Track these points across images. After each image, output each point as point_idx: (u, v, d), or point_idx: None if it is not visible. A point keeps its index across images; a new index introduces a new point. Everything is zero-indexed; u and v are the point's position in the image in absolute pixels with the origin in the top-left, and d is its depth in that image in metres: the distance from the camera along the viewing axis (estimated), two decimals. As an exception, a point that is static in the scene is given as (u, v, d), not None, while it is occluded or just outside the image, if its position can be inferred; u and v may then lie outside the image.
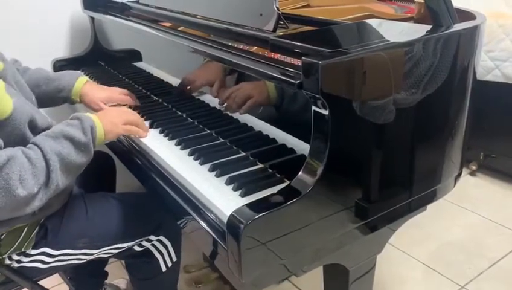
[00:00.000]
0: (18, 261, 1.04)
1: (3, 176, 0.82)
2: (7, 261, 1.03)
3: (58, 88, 1.25)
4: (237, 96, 1.08)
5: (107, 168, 1.43)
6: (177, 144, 1.09)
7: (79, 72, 1.35)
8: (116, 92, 1.32)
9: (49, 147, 0.90)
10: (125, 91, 1.34)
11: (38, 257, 1.04)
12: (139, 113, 1.22)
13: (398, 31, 1.04)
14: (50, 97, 1.26)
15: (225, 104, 1.16)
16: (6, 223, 0.96)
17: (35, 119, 0.98)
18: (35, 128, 0.98)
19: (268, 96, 0.99)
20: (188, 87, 1.28)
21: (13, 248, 1.01)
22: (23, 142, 0.93)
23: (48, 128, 1.01)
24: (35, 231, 1.03)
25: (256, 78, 1.00)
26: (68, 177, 0.93)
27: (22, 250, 1.02)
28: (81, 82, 1.28)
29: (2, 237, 0.99)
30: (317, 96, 0.75)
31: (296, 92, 0.90)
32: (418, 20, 1.20)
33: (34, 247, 1.03)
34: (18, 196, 0.83)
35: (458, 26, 0.98)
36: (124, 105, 1.31)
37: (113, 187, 1.46)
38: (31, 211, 0.89)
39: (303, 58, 0.76)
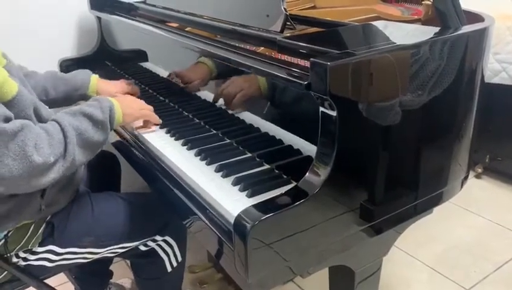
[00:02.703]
0: (24, 259, 1.04)
1: (18, 143, 0.83)
2: (14, 259, 1.03)
3: (75, 87, 1.30)
4: (228, 90, 1.11)
5: (113, 168, 1.43)
6: (183, 144, 1.09)
7: (87, 70, 1.39)
8: (125, 84, 1.39)
9: (67, 122, 0.93)
10: (130, 82, 1.42)
11: (45, 255, 1.05)
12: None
13: (405, 33, 1.04)
14: (67, 96, 1.31)
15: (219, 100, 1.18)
16: (13, 218, 0.97)
17: (40, 109, 0.99)
18: (40, 118, 0.99)
19: (259, 89, 1.00)
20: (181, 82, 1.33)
21: (20, 245, 1.01)
22: None
23: None
24: (42, 228, 1.03)
25: (247, 73, 1.01)
26: (84, 153, 0.95)
27: (29, 247, 1.03)
28: (95, 78, 1.34)
29: (9, 234, 1.00)
30: (325, 97, 0.75)
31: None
32: (425, 22, 1.20)
33: (41, 245, 1.04)
34: (34, 162, 0.84)
35: (466, 28, 0.98)
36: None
37: (118, 187, 1.47)
38: (48, 183, 0.90)
39: (311, 59, 0.76)
